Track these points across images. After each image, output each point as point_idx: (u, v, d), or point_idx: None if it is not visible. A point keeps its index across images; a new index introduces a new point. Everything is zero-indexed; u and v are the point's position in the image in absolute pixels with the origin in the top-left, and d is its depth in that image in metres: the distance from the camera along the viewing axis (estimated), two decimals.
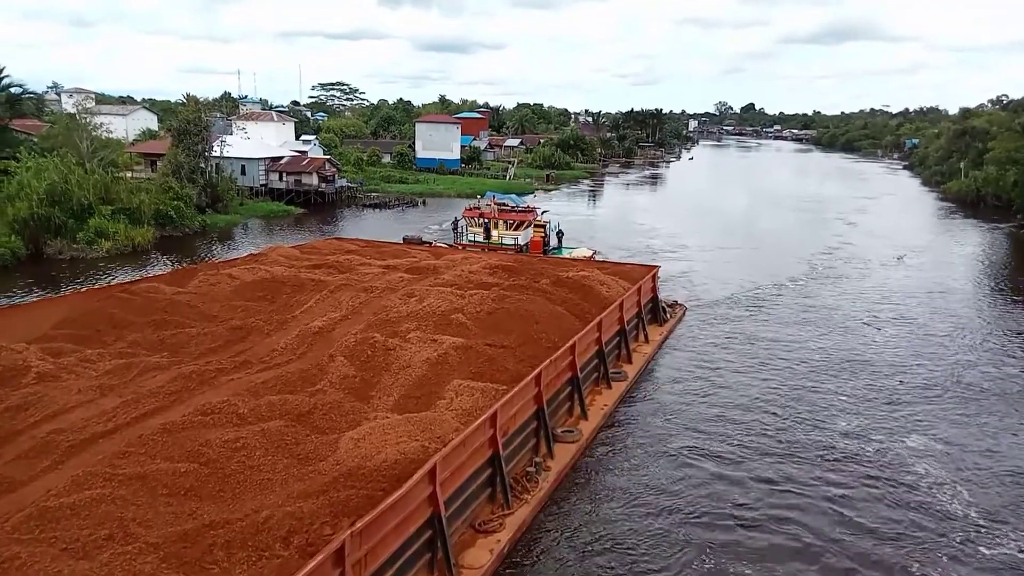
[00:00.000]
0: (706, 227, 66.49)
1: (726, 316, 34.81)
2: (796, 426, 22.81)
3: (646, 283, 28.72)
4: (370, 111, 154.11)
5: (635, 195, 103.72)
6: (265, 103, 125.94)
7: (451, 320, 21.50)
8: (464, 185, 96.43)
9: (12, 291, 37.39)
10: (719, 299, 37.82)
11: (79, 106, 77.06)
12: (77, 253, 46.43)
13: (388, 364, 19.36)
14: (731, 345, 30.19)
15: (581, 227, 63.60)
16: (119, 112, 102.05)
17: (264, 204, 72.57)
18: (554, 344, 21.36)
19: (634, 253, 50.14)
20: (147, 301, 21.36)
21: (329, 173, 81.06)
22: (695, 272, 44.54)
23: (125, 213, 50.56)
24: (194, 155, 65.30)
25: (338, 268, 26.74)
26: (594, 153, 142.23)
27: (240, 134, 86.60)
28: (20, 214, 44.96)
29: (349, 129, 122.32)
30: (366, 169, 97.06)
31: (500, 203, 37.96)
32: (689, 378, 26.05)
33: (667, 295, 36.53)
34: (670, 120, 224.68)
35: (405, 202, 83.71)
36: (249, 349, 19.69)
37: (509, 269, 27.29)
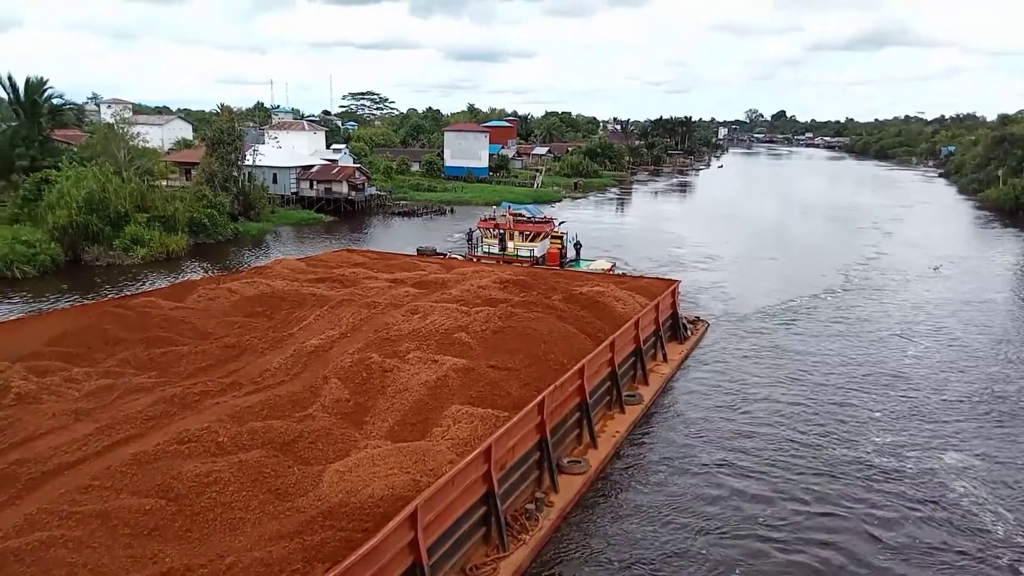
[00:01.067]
0: (736, 236, 64.42)
1: (754, 329, 33.18)
2: (828, 443, 21.48)
3: (665, 299, 27.03)
4: (399, 120, 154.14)
5: (663, 203, 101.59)
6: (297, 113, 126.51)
7: (454, 339, 20.12)
8: (492, 193, 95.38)
9: (52, 296, 37.83)
10: (747, 312, 36.13)
11: (117, 116, 77.72)
12: (113, 260, 46.83)
13: (384, 387, 18.04)
14: (758, 360, 28.63)
15: (608, 236, 62.02)
16: (155, 122, 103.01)
17: (295, 212, 72.54)
18: (562, 366, 19.86)
19: (661, 263, 48.47)
20: (142, 317, 20.36)
21: (359, 181, 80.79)
22: (724, 283, 42.76)
23: (160, 221, 51.01)
24: (227, 164, 65.53)
25: (343, 282, 25.54)
26: (622, 161, 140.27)
27: (272, 143, 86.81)
28: (60, 221, 45.48)
29: (379, 138, 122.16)
30: (395, 177, 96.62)
31: (516, 214, 36.51)
32: (711, 398, 24.41)
33: (691, 308, 34.91)
34: (699, 128, 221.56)
35: (433, 210, 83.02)
36: (241, 369, 18.53)
37: (520, 284, 25.83)
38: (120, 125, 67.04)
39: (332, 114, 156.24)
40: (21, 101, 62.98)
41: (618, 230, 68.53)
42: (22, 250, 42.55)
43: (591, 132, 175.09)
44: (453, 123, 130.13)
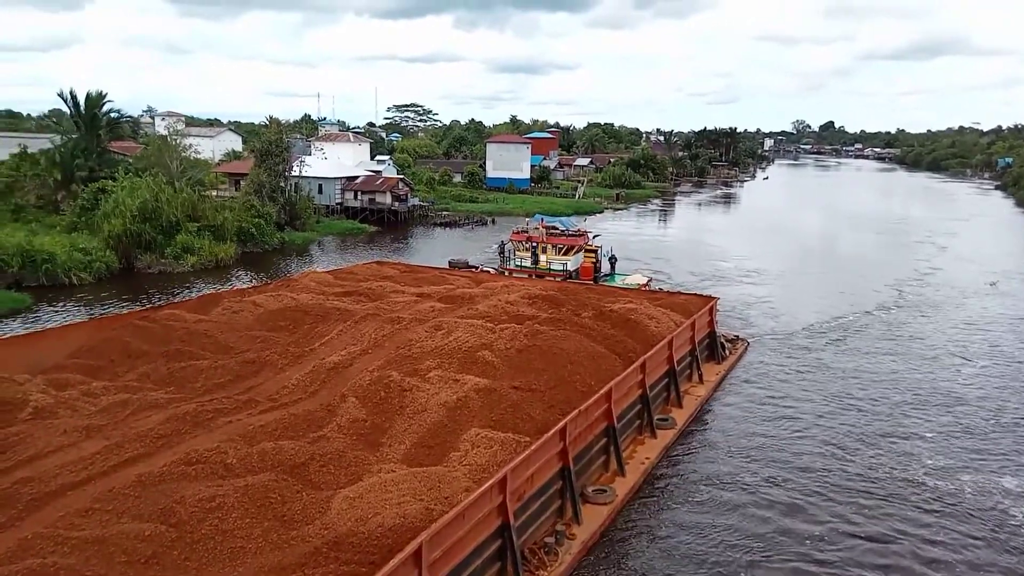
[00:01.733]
0: (782, 250, 62.44)
1: (800, 347, 31.82)
2: (879, 465, 20.41)
3: (702, 317, 25.74)
4: (442, 132, 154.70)
5: (707, 215, 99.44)
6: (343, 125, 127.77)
7: (477, 358, 19.26)
8: (533, 204, 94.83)
9: (106, 302, 38.44)
10: (793, 329, 34.72)
11: (170, 128, 79.45)
12: (165, 267, 47.67)
13: (403, 407, 17.27)
14: (803, 379, 27.34)
15: (649, 248, 60.64)
16: (207, 134, 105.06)
17: (339, 222, 73.16)
18: (590, 388, 18.84)
19: (703, 278, 47.00)
20: (165, 330, 20.03)
21: (402, 192, 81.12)
22: (769, 299, 41.23)
23: (210, 230, 51.90)
24: (275, 175, 66.38)
25: (369, 296, 24.93)
26: (665, 172, 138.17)
27: (318, 154, 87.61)
28: (115, 230, 46.62)
29: (422, 149, 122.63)
30: (437, 188, 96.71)
31: (549, 226, 35.46)
32: (749, 420, 23.11)
33: (735, 324, 33.63)
34: (745, 139, 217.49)
35: (475, 221, 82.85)
36: (259, 385, 17.98)
37: (550, 300, 24.85)
38: (173, 137, 68.43)
39: (377, 126, 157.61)
40: (82, 114, 64.52)
41: (660, 242, 67.03)
42: (79, 257, 43.54)
43: (634, 143, 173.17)
44: (495, 135, 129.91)
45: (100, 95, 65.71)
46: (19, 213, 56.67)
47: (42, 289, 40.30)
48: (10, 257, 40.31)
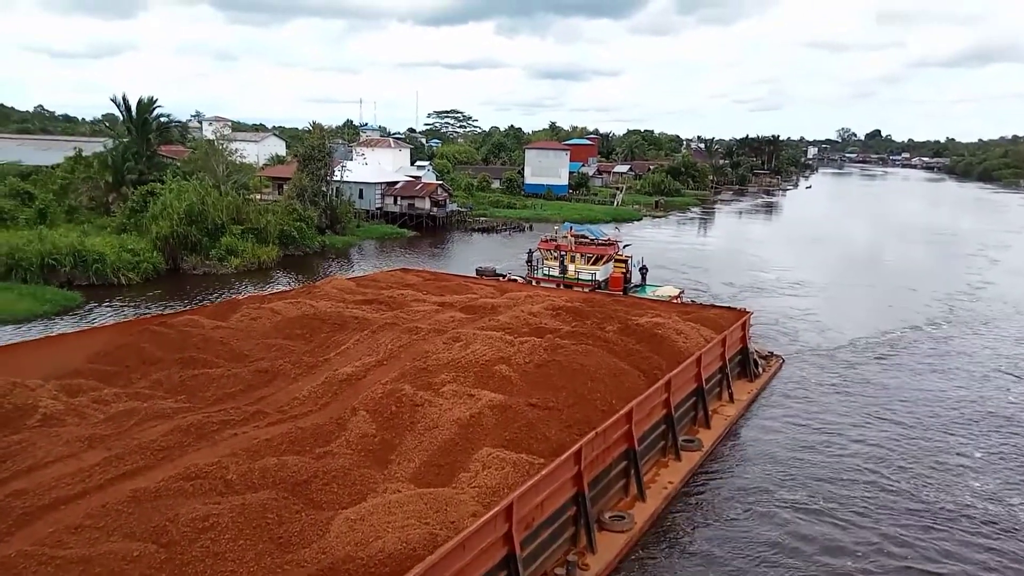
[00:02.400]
0: (825, 261, 60.25)
1: (841, 363, 30.34)
2: (924, 488, 19.27)
3: (733, 332, 24.42)
4: (482, 138, 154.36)
5: (748, 224, 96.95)
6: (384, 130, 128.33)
7: (494, 372, 18.37)
8: (571, 211, 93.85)
9: (153, 303, 38.87)
10: (834, 344, 33.15)
11: (217, 133, 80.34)
12: (209, 269, 48.25)
13: (414, 422, 16.46)
14: (843, 397, 25.96)
15: (688, 257, 59.11)
16: (252, 139, 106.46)
17: (379, 227, 73.32)
18: (610, 406, 17.78)
19: (742, 289, 45.41)
20: (182, 336, 19.61)
21: (441, 198, 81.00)
22: (810, 312, 39.55)
23: (253, 232, 52.48)
24: (317, 179, 66.83)
25: (389, 304, 24.24)
26: (706, 180, 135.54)
27: (359, 160, 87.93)
28: (162, 232, 47.38)
29: (461, 155, 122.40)
30: (476, 194, 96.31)
31: (578, 235, 34.30)
32: (783, 441, 21.80)
33: (772, 339, 32.13)
34: (788, 147, 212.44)
35: (512, 227, 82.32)
36: (269, 396, 17.38)
37: (575, 312, 23.81)
38: (220, 141, 69.14)
39: (417, 132, 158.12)
40: (133, 119, 65.54)
41: (699, 251, 65.30)
42: (127, 258, 44.41)
43: (674, 150, 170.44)
44: (534, 141, 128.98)
45: (151, 100, 66.76)
46: (72, 214, 57.82)
47: (92, 288, 41.08)
48: (63, 257, 41.18)
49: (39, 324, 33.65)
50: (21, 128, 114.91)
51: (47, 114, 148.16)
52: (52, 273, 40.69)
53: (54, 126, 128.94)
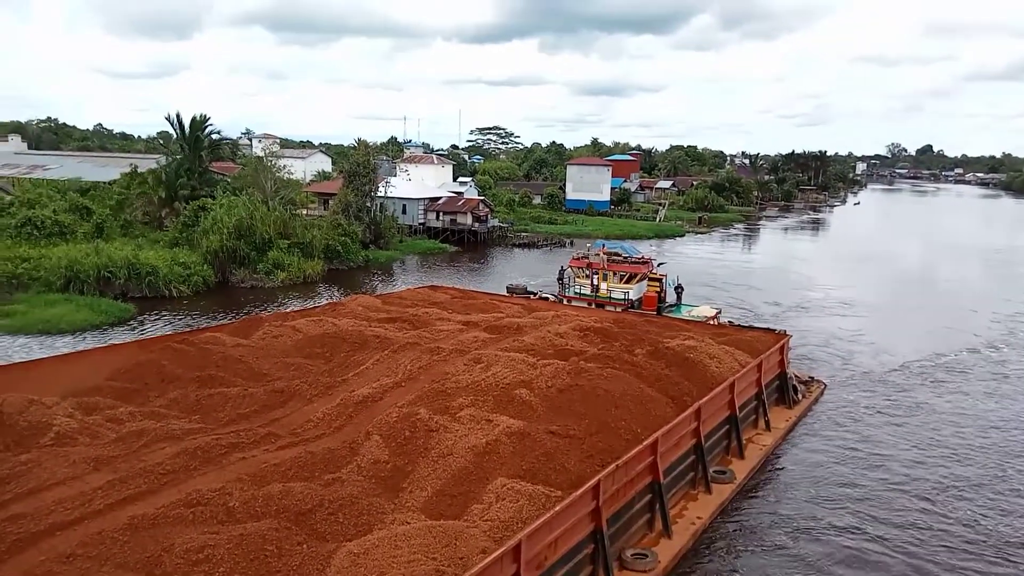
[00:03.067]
0: (875, 280, 57.74)
1: (893, 386, 28.71)
2: (980, 523, 17.71)
3: (771, 356, 22.99)
4: (523, 154, 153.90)
5: (793, 241, 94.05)
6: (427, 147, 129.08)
7: (514, 396, 17.45)
8: (612, 226, 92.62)
9: (203, 314, 39.27)
10: (886, 367, 31.35)
11: (266, 150, 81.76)
12: (257, 282, 48.72)
13: (428, 449, 15.64)
14: (892, 424, 24.38)
15: (730, 275, 57.32)
16: (299, 155, 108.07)
17: (421, 242, 73.32)
18: (635, 435, 16.68)
19: (787, 308, 43.64)
20: (202, 354, 19.21)
21: (482, 213, 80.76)
22: (860, 334, 37.70)
23: (299, 247, 52.85)
24: (362, 195, 67.18)
25: (413, 323, 23.55)
26: (750, 196, 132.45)
27: (403, 176, 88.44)
28: (212, 246, 48.04)
29: (503, 171, 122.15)
30: (517, 210, 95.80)
31: (611, 253, 33.09)
32: (824, 472, 20.41)
33: (819, 360, 30.43)
34: (835, 162, 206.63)
35: (553, 242, 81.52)
36: (284, 418, 16.77)
37: (603, 333, 22.73)
38: (268, 158, 70.21)
39: (460, 148, 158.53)
40: (186, 136, 66.94)
41: (743, 268, 63.30)
42: (179, 271, 45.17)
43: (718, 166, 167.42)
44: (576, 157, 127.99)
45: (203, 118, 68.16)
46: (128, 228, 59.08)
47: (145, 300, 41.82)
48: (118, 269, 42.08)
49: (96, 334, 34.27)
50: (81, 146, 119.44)
51: (105, 132, 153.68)
52: (107, 285, 41.62)
53: (112, 143, 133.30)
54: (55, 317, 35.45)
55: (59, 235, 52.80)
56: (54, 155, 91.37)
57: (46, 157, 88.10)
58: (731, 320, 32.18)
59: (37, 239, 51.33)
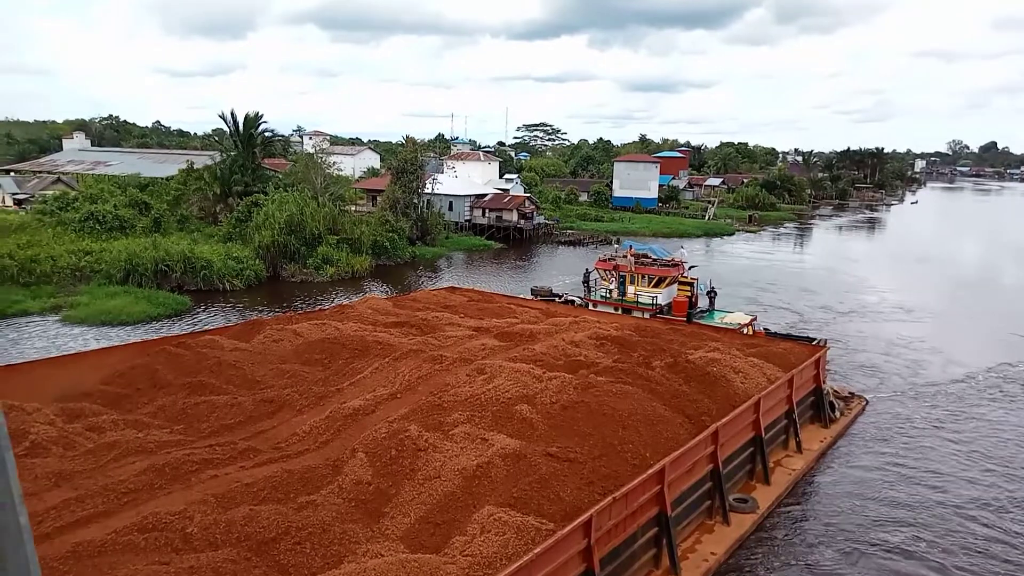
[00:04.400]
0: (934, 282, 53.56)
1: (948, 399, 25.93)
2: None
3: (804, 370, 20.62)
4: (570, 151, 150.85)
5: (847, 241, 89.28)
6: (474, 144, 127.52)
7: (514, 412, 15.75)
8: (660, 224, 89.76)
9: (255, 307, 39.10)
10: (942, 379, 28.47)
11: (316, 147, 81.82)
12: (306, 277, 48.41)
13: (415, 470, 14.10)
14: (947, 444, 21.87)
15: (779, 276, 54.25)
16: (348, 152, 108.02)
17: (467, 238, 72.38)
18: (642, 460, 14.79)
19: (838, 313, 40.80)
20: (197, 359, 18.11)
21: (528, 210, 79.17)
22: (917, 341, 34.62)
23: (348, 243, 52.71)
24: (409, 191, 66.62)
25: (421, 328, 22.01)
26: (803, 194, 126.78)
27: (450, 173, 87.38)
28: (264, 241, 48.11)
29: (549, 168, 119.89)
30: (563, 207, 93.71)
31: (639, 254, 30.79)
32: (859, 503, 18.05)
33: (864, 373, 27.71)
34: (893, 159, 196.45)
35: (599, 240, 79.36)
36: (270, 430, 15.48)
37: (621, 342, 20.76)
38: (319, 155, 70.04)
39: (506, 145, 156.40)
40: (239, 133, 67.28)
41: (793, 269, 59.92)
42: (232, 265, 45.42)
43: (769, 163, 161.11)
44: (623, 154, 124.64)
45: (256, 116, 68.40)
46: (184, 223, 59.76)
47: (200, 293, 42.06)
48: (174, 263, 42.49)
49: (154, 326, 34.56)
50: (141, 143, 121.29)
51: (163, 129, 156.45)
52: (164, 278, 42.07)
53: (169, 140, 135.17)
54: (116, 308, 35.94)
55: (119, 229, 53.62)
56: (115, 152, 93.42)
57: (108, 154, 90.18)
58: (766, 328, 29.66)
59: (99, 233, 52.22)
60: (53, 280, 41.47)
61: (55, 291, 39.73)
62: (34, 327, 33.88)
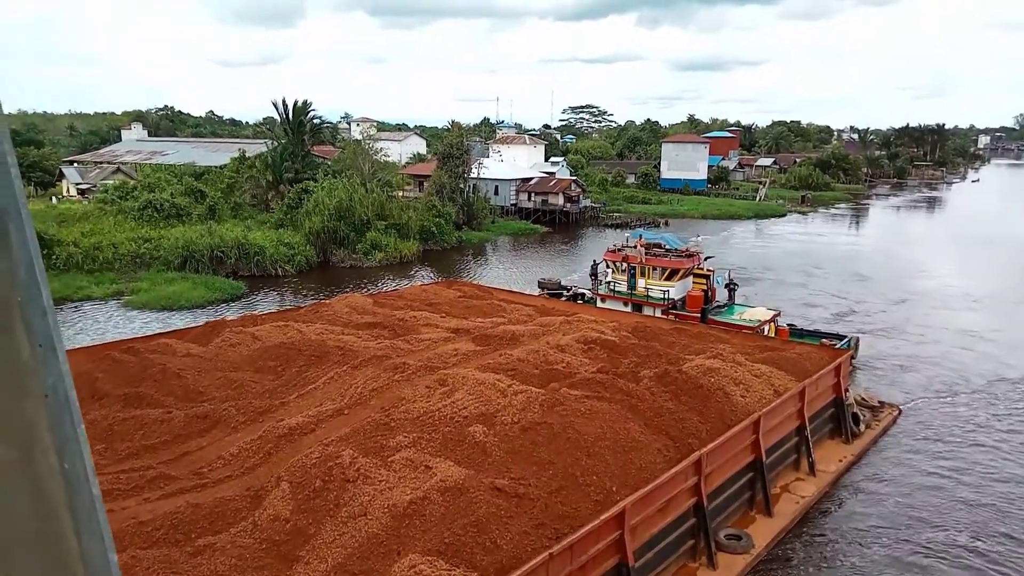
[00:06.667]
0: (997, 268, 47.66)
1: (1000, 408, 21.77)
2: None
3: (821, 380, 17.21)
4: (617, 132, 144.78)
5: (905, 222, 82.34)
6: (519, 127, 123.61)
7: (466, 435, 13.20)
8: (709, 206, 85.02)
9: (305, 292, 38.40)
10: (996, 381, 24.32)
11: (364, 133, 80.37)
12: (356, 262, 47.27)
13: (340, 505, 11.76)
14: (998, 459, 17.58)
15: (831, 261, 49.81)
16: (395, 138, 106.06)
17: (513, 222, 70.22)
18: (607, 494, 12.04)
19: (893, 301, 36.74)
20: (142, 366, 16.11)
21: (574, 193, 76.11)
22: (971, 336, 30.17)
23: (396, 228, 51.60)
24: (455, 176, 64.75)
25: (395, 329, 19.47)
26: (859, 173, 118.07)
27: (495, 157, 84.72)
28: (314, 227, 47.30)
29: (595, 151, 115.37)
30: (610, 190, 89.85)
31: (652, 244, 27.25)
32: (881, 533, 14.67)
33: (911, 374, 23.83)
34: (954, 136, 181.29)
35: (646, 223, 75.40)
36: (196, 452, 13.39)
37: (611, 347, 17.79)
38: (366, 142, 68.59)
39: (551, 128, 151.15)
40: (289, 121, 66.44)
41: (846, 253, 54.97)
42: (284, 251, 44.94)
43: (823, 142, 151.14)
44: (671, 135, 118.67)
45: (306, 104, 67.30)
46: (237, 210, 59.46)
47: (253, 278, 41.63)
48: (229, 249, 42.19)
49: (212, 310, 34.23)
50: (195, 132, 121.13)
51: (216, 118, 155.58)
52: (219, 264, 41.78)
53: (222, 129, 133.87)
54: (175, 294, 35.98)
55: (176, 217, 53.64)
56: (171, 141, 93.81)
57: (163, 143, 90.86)
58: (791, 324, 25.87)
59: (156, 221, 52.33)
60: (115, 267, 41.69)
61: (116, 277, 39.99)
62: (98, 312, 34.03)
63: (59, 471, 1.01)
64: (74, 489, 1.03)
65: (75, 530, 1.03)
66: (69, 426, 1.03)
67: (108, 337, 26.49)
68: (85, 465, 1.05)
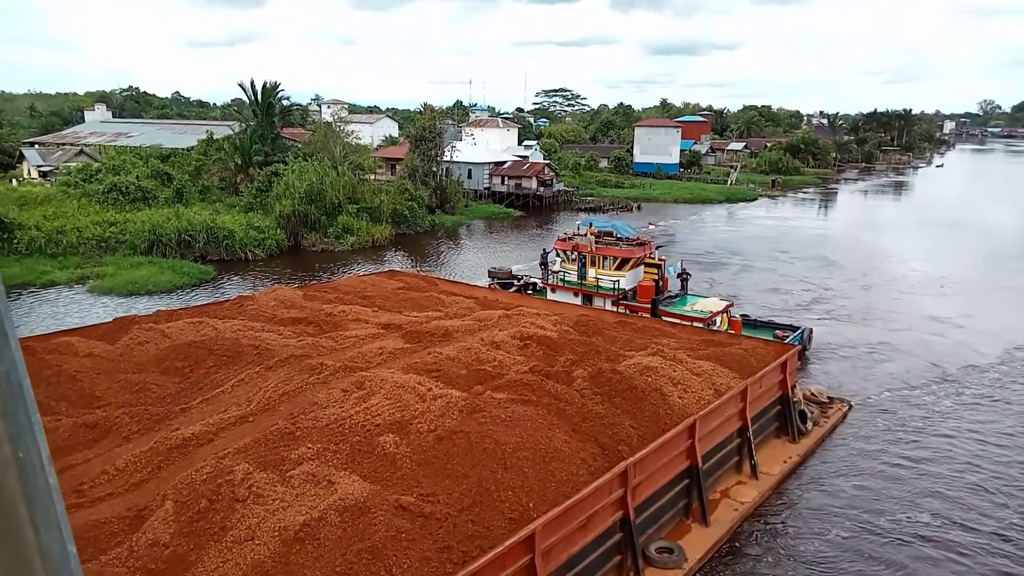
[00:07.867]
0: (962, 252, 47.23)
1: (957, 397, 20.88)
2: None
3: (766, 377, 16.05)
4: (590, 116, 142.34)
5: (872, 206, 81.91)
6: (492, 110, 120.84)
7: (376, 445, 11.83)
8: (681, 190, 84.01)
9: (275, 277, 37.23)
10: (955, 368, 23.36)
11: (335, 116, 77.82)
12: (327, 246, 45.90)
13: (226, 528, 10.33)
14: (945, 461, 16.90)
15: (799, 245, 48.93)
16: (366, 120, 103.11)
17: (486, 206, 68.66)
18: (523, 511, 10.78)
19: (860, 286, 35.73)
20: (37, 368, 14.40)
21: (547, 177, 74.46)
22: (934, 321, 29.21)
23: (367, 212, 50.24)
24: (428, 159, 63.07)
25: (321, 325, 17.96)
26: (828, 157, 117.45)
27: (468, 140, 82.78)
28: (284, 210, 45.62)
29: (568, 134, 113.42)
30: (583, 174, 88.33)
31: (602, 233, 25.88)
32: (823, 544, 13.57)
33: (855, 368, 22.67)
34: (921, 121, 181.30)
35: (619, 206, 74.61)
36: (80, 465, 11.86)
37: (548, 344, 16.44)
38: (337, 124, 66.38)
39: (525, 111, 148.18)
40: (259, 103, 64.00)
41: (815, 236, 54.29)
42: (254, 235, 43.43)
43: (793, 127, 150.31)
44: (644, 119, 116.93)
45: (275, 85, 64.80)
46: (205, 193, 57.53)
47: (222, 263, 40.29)
48: (197, 233, 40.73)
49: (181, 295, 32.93)
50: (161, 114, 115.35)
51: (183, 100, 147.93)
52: (187, 248, 40.41)
53: (189, 111, 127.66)
54: (142, 279, 34.60)
55: (142, 200, 51.66)
56: (136, 123, 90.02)
57: (129, 125, 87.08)
58: (744, 315, 24.75)
59: (122, 204, 50.35)
60: (79, 251, 39.87)
61: (81, 262, 38.29)
62: (61, 297, 32.27)
63: (13, 460, 0.97)
64: (29, 479, 0.99)
65: (31, 521, 0.99)
66: (23, 415, 0.99)
67: (68, 323, 24.92)
68: (41, 454, 1.01)
